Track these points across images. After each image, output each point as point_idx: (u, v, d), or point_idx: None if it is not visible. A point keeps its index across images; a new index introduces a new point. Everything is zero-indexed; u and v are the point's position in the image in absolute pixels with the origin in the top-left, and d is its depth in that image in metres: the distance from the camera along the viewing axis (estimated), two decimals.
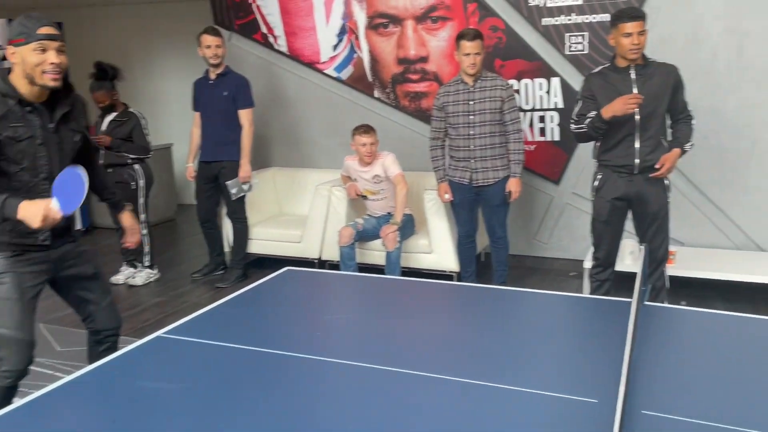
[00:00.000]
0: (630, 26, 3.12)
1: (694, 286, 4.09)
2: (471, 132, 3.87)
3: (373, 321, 2.29)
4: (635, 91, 3.19)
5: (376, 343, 2.08)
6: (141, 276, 4.72)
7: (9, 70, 2.12)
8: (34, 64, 2.01)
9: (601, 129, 3.24)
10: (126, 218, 2.61)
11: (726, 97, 4.12)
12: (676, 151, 3.25)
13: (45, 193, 2.11)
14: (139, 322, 3.94)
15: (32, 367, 3.20)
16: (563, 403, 1.56)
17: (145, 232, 4.49)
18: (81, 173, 2.03)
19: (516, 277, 4.59)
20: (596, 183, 3.49)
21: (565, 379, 1.73)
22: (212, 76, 4.40)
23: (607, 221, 3.45)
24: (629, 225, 3.54)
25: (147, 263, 4.70)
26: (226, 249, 4.91)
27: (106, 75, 4.62)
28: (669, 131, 3.38)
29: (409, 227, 4.34)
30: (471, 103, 3.84)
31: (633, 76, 3.22)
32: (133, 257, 4.69)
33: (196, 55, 4.60)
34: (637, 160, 3.25)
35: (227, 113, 4.40)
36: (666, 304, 2.40)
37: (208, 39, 4.29)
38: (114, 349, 2.63)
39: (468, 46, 3.73)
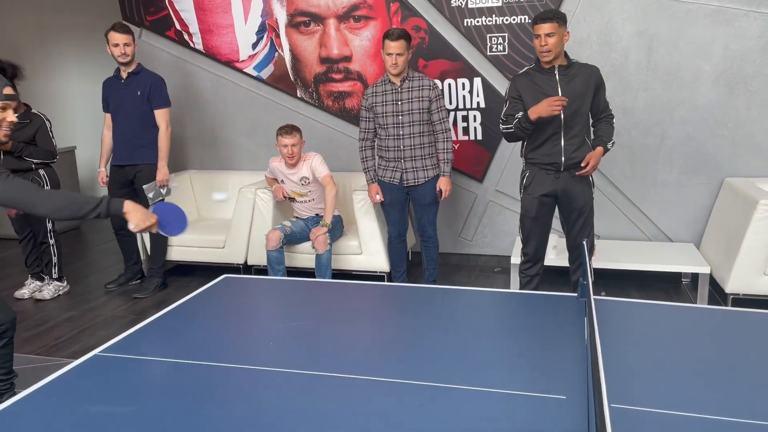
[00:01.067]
0: (539, 28, 3.21)
1: (610, 277, 4.22)
2: (400, 132, 3.88)
3: (317, 327, 2.25)
4: (559, 91, 3.28)
5: (326, 349, 2.03)
6: (49, 289, 4.40)
7: None
8: None
9: (528, 129, 3.29)
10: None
11: (636, 96, 4.30)
12: (600, 149, 3.33)
13: None
14: (51, 340, 3.70)
15: None
16: (529, 401, 1.56)
17: (51, 242, 4.19)
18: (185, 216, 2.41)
19: (443, 274, 4.66)
20: (524, 181, 3.55)
21: (526, 375, 1.73)
22: (123, 75, 4.17)
23: (535, 217, 3.50)
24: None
25: (55, 275, 4.40)
26: (143, 257, 4.69)
27: (4, 73, 4.23)
28: (591, 129, 3.49)
29: (338, 229, 4.31)
30: (399, 103, 3.84)
31: (557, 76, 3.30)
32: (38, 269, 4.33)
33: (101, 52, 4.32)
34: (562, 158, 3.33)
35: (141, 114, 4.19)
36: (607, 298, 2.48)
37: (117, 36, 4.04)
38: (11, 344, 2.67)
39: (391, 45, 3.71)
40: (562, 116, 3.28)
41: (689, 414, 1.49)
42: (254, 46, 4.94)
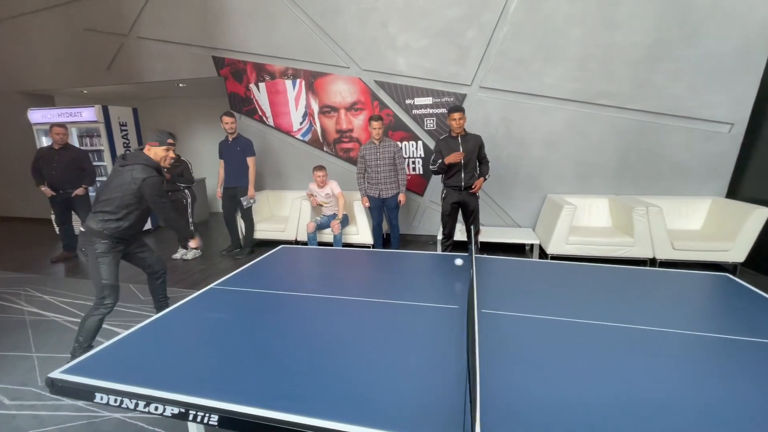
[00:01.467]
0: (454, 115, 3.31)
1: (489, 248, 4.35)
2: (378, 170, 3.98)
3: (338, 271, 2.23)
4: (461, 149, 3.37)
5: (347, 282, 2.03)
6: (190, 254, 4.58)
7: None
8: (162, 157, 2.37)
9: (444, 168, 3.42)
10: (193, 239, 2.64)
11: (501, 150, 4.41)
12: (481, 179, 3.47)
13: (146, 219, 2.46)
14: (192, 281, 3.81)
15: (124, 309, 3.11)
16: (441, 310, 1.59)
17: (192, 228, 4.37)
18: None
19: (403, 244, 4.74)
20: (443, 195, 3.63)
21: (439, 296, 1.74)
22: (230, 139, 4.32)
23: (449, 215, 3.60)
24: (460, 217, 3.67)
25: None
26: (240, 236, 4.76)
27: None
28: (478, 168, 3.53)
29: (345, 221, 4.41)
30: (378, 154, 3.96)
31: (459, 141, 3.40)
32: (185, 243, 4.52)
33: (219, 127, 4.49)
34: (462, 183, 3.44)
35: (240, 160, 4.33)
36: (485, 256, 2.34)
37: (227, 119, 4.21)
38: (165, 281, 2.76)
39: (374, 124, 3.87)
40: (462, 162, 3.36)
41: (529, 315, 1.55)
42: (301, 123, 5.05)
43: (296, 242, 4.67)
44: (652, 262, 3.79)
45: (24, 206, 6.92)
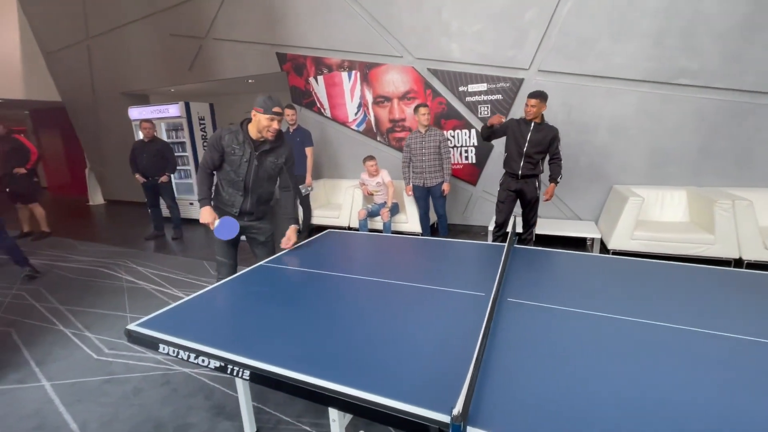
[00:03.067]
0: (530, 101, 3.08)
1: (545, 241, 4.15)
2: (423, 158, 3.97)
3: (380, 255, 2.27)
4: (529, 136, 3.15)
5: (384, 266, 2.07)
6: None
7: (249, 121, 2.14)
8: (264, 126, 2.06)
9: (487, 132, 3.30)
10: (291, 231, 2.31)
11: (561, 139, 4.13)
12: (552, 185, 3.22)
13: (240, 190, 2.18)
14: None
15: (195, 281, 3.47)
16: (467, 296, 1.62)
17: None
18: (236, 228, 2.14)
19: (453, 234, 4.63)
20: (500, 180, 3.48)
21: (470, 283, 1.74)
22: (291, 130, 4.57)
23: (504, 202, 3.43)
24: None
25: None
26: (300, 221, 5.04)
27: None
28: (546, 165, 3.32)
29: (395, 210, 4.48)
30: (423, 143, 3.94)
31: (531, 127, 3.17)
32: None
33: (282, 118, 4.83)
34: (519, 171, 3.26)
35: (299, 150, 4.54)
36: (531, 247, 2.29)
37: (288, 111, 4.46)
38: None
39: (422, 110, 3.85)
40: (525, 150, 3.17)
41: (563, 307, 1.48)
42: (355, 113, 5.21)
43: (349, 228, 4.83)
44: (738, 262, 3.35)
45: (127, 191, 8.08)
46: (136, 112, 6.40)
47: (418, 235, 4.40)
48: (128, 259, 4.40)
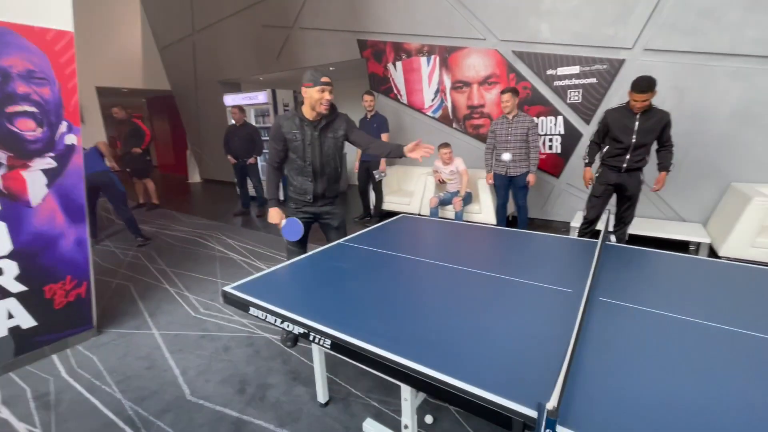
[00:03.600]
0: (636, 97, 2.70)
1: (639, 242, 3.72)
2: (508, 146, 3.80)
3: (456, 243, 2.23)
4: (636, 126, 2.81)
5: (461, 253, 2.05)
6: None
7: (302, 102, 2.08)
8: (316, 99, 1.98)
9: (591, 159, 3.09)
10: (408, 148, 2.04)
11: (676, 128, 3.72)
12: (663, 173, 2.94)
13: (309, 176, 2.13)
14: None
15: (279, 257, 3.72)
16: (553, 291, 1.55)
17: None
18: (301, 230, 2.14)
19: (531, 228, 4.37)
20: (597, 172, 3.14)
21: (556, 278, 1.66)
22: (368, 116, 4.67)
23: (600, 197, 3.13)
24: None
25: None
26: (371, 206, 5.13)
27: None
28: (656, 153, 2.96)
29: (468, 199, 4.38)
30: (509, 129, 3.77)
31: (637, 117, 2.81)
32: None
33: (360, 106, 4.91)
34: (625, 165, 2.94)
35: (376, 136, 4.55)
36: (627, 246, 2.08)
37: (367, 97, 4.56)
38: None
39: (504, 97, 3.67)
40: (634, 140, 2.83)
41: (659, 311, 1.36)
42: (432, 99, 5.12)
43: (420, 216, 4.82)
44: None
45: (220, 171, 8.97)
46: (229, 99, 7.02)
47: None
48: (219, 232, 4.89)
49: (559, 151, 4.42)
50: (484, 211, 4.39)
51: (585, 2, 3.82)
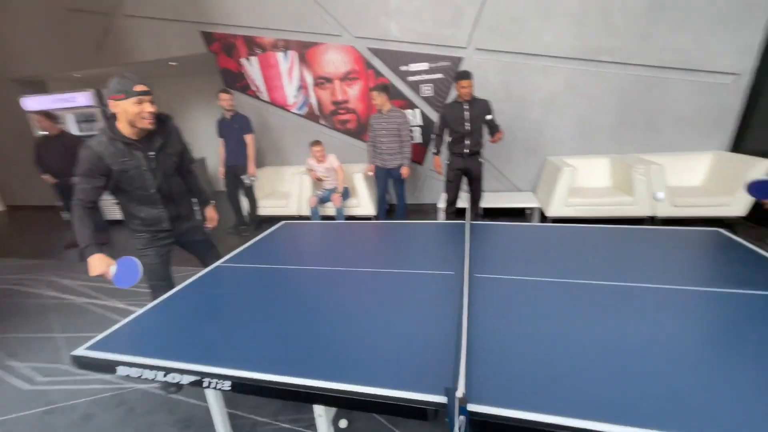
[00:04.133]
0: (462, 83, 3.20)
1: (490, 213, 4.32)
2: (382, 140, 3.91)
3: (342, 244, 2.24)
4: (467, 115, 3.29)
5: (348, 254, 2.04)
6: None
7: (112, 117, 1.70)
8: (135, 113, 1.64)
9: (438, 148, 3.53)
10: (209, 210, 2.16)
11: (500, 114, 4.14)
12: (499, 133, 3.28)
13: (159, 203, 1.82)
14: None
15: (141, 289, 3.20)
16: (437, 276, 1.66)
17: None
18: (138, 267, 1.67)
19: (408, 213, 4.47)
20: (447, 161, 3.58)
21: (436, 264, 1.79)
22: (228, 116, 4.28)
23: (452, 181, 3.58)
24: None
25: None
26: (245, 214, 4.77)
27: (162, 121, 4.41)
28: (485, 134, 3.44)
29: (346, 194, 4.41)
30: (383, 123, 3.88)
31: (466, 107, 3.31)
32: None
33: (214, 105, 4.44)
34: (467, 150, 3.40)
35: (238, 138, 4.30)
36: (482, 222, 2.43)
37: (224, 96, 4.16)
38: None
39: (373, 94, 3.79)
40: (469, 128, 3.32)
41: (521, 277, 1.61)
42: (295, 96, 4.98)
43: (299, 217, 4.70)
44: (652, 220, 3.82)
45: (29, 194, 7.04)
46: (32, 102, 5.53)
47: (371, 218, 4.46)
48: (49, 272, 3.88)
49: (420, 140, 4.81)
50: (362, 204, 4.50)
51: (425, 5, 4.20)
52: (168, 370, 1.16)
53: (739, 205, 3.55)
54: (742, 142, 3.93)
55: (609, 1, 3.78)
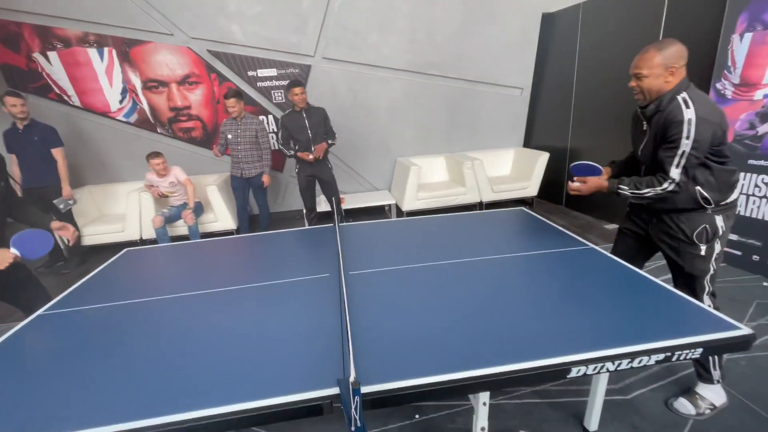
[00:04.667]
0: (295, 90, 3.30)
1: (353, 213, 4.59)
2: (239, 147, 3.74)
3: (205, 264, 2.07)
4: (306, 123, 3.40)
5: (215, 274, 1.92)
6: None
7: None
8: None
9: (296, 155, 3.53)
10: (54, 225, 1.98)
11: (352, 120, 4.63)
12: (324, 144, 3.49)
13: None
14: (7, 310, 2.96)
15: None
16: (313, 281, 1.71)
17: None
18: (47, 234, 1.65)
19: (271, 223, 4.44)
20: (296, 170, 3.69)
21: (310, 268, 1.82)
22: (20, 126, 3.38)
23: (306, 188, 3.69)
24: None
25: None
26: (62, 246, 3.89)
27: None
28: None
29: (199, 209, 4.05)
30: (238, 131, 3.71)
31: (304, 115, 3.42)
32: None
33: None
34: (311, 156, 3.48)
35: (41, 153, 3.45)
36: (348, 223, 2.53)
37: (12, 100, 3.25)
38: None
39: (230, 102, 3.57)
40: (310, 135, 3.43)
41: (388, 268, 1.77)
42: (121, 101, 4.27)
43: (142, 241, 4.12)
44: (480, 204, 4.68)
45: None
46: None
47: (233, 233, 4.21)
48: None
49: (277, 147, 4.70)
50: (220, 218, 4.20)
51: (268, 10, 4.14)
52: None
53: (534, 187, 4.68)
54: (530, 140, 5.18)
55: (431, 23, 4.44)
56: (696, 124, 1.35)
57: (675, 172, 1.41)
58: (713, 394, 1.67)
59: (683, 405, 1.68)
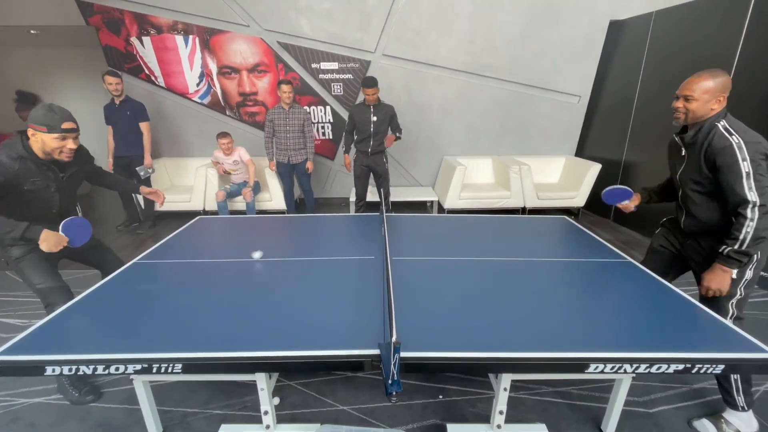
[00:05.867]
0: (367, 91, 3.41)
1: (397, 206, 4.70)
2: (287, 135, 3.97)
3: (265, 236, 2.29)
4: (373, 117, 3.53)
5: (273, 245, 2.09)
6: None
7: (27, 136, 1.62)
8: (54, 148, 1.61)
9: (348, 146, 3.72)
10: (144, 189, 2.17)
11: (403, 117, 4.60)
12: (392, 136, 3.68)
13: (56, 223, 1.67)
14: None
15: (12, 299, 2.79)
16: (361, 261, 1.88)
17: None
18: (88, 223, 1.73)
19: (316, 207, 4.75)
20: (354, 158, 3.82)
21: (358, 250, 2.00)
22: (117, 102, 3.85)
23: (359, 177, 3.82)
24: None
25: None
26: (138, 210, 4.36)
27: (27, 99, 3.77)
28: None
29: (257, 188, 4.37)
30: (287, 119, 3.93)
31: (372, 109, 3.54)
32: None
33: (92, 85, 3.91)
34: (369, 149, 3.65)
35: (132, 125, 3.92)
36: (393, 214, 2.68)
37: (111, 79, 3.72)
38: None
39: (284, 88, 3.80)
40: (372, 130, 3.56)
41: (429, 258, 1.92)
42: (198, 84, 4.69)
43: (204, 212, 4.49)
44: (523, 210, 4.67)
45: None
46: None
47: (283, 213, 4.48)
48: None
49: (331, 137, 4.98)
50: (274, 198, 4.49)
51: (336, 6, 4.36)
52: (108, 363, 1.18)
53: (581, 197, 4.58)
54: (583, 150, 5.05)
55: (492, 27, 4.45)
56: (746, 147, 1.39)
57: (751, 195, 1.38)
58: (740, 422, 1.66)
59: (705, 426, 1.69)
